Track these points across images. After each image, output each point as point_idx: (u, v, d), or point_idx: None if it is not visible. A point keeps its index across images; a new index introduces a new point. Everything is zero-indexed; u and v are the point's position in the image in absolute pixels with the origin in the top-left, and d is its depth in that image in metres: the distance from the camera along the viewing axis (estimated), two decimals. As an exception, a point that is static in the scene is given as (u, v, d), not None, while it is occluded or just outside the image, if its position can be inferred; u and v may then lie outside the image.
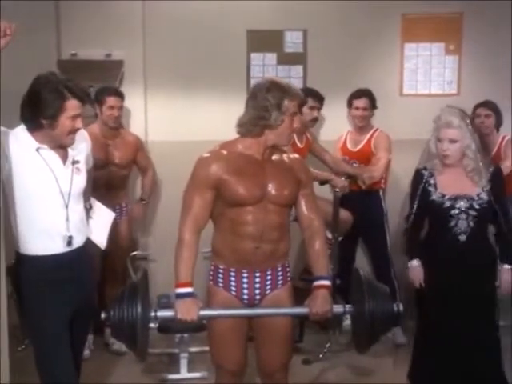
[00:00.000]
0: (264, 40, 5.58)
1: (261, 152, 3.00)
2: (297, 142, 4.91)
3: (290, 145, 3.99)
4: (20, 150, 2.94)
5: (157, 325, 4.10)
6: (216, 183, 2.94)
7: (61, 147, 3.03)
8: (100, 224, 3.36)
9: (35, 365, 3.06)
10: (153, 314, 2.94)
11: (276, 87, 2.94)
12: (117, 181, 4.98)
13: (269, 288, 3.07)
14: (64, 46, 5.39)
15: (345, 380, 4.45)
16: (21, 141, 2.95)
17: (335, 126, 5.51)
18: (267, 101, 2.91)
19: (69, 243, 3.03)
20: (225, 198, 2.96)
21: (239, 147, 3.01)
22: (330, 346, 4.80)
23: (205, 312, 2.99)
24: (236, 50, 5.54)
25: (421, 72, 5.66)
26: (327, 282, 3.06)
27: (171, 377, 4.45)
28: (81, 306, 3.11)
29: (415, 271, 3.71)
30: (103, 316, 2.87)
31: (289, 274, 3.16)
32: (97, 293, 4.07)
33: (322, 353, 4.76)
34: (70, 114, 2.92)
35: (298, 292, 3.30)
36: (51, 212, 3.00)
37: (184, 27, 5.46)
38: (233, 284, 3.05)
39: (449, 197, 3.55)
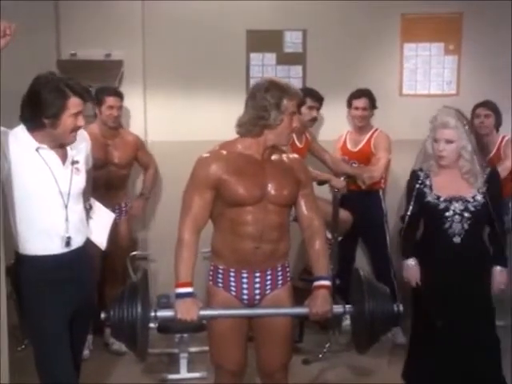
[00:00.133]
0: (263, 40, 5.58)
1: (260, 152, 3.00)
2: (296, 142, 4.91)
3: (290, 145, 3.99)
4: (19, 150, 2.94)
5: (156, 325, 4.11)
6: (216, 183, 2.94)
7: (61, 146, 3.03)
8: (100, 224, 3.35)
9: (35, 365, 3.06)
10: (153, 314, 2.94)
11: (275, 87, 2.94)
12: (116, 181, 4.98)
13: (269, 288, 3.07)
14: (63, 46, 5.39)
15: (344, 380, 4.45)
16: (20, 141, 2.95)
17: (335, 126, 5.51)
18: (266, 100, 2.91)
19: (67, 244, 3.03)
20: (224, 198, 2.96)
21: (239, 147, 3.01)
22: (330, 346, 4.80)
23: (205, 312, 2.99)
24: (235, 50, 5.54)
25: (420, 72, 5.66)
26: (327, 282, 3.06)
27: (171, 377, 4.45)
28: (81, 306, 3.10)
29: (411, 270, 3.71)
30: (103, 316, 2.87)
31: (289, 274, 3.16)
32: (96, 293, 4.07)
33: (322, 353, 4.76)
34: (72, 112, 2.92)
35: (298, 292, 3.30)
36: (50, 212, 3.00)
37: (183, 27, 5.46)
38: (232, 284, 3.04)
39: (444, 198, 3.54)
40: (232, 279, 3.04)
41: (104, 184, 4.71)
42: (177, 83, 5.53)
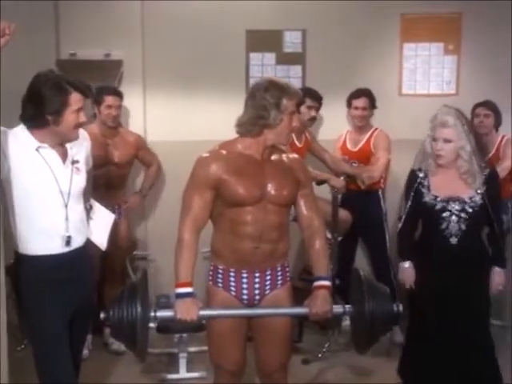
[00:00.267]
0: (263, 40, 5.58)
1: (260, 152, 3.00)
2: (295, 142, 4.91)
3: (289, 144, 3.99)
4: (19, 150, 2.94)
5: (156, 325, 4.10)
6: (215, 183, 2.94)
7: (62, 145, 3.03)
8: (100, 225, 3.35)
9: (34, 365, 3.06)
10: (152, 314, 2.94)
11: (274, 86, 2.94)
12: (116, 180, 4.98)
13: (268, 288, 3.07)
14: (63, 46, 5.39)
15: (344, 380, 4.45)
16: (20, 140, 2.95)
17: (334, 126, 5.51)
18: (266, 100, 2.91)
19: (67, 243, 3.02)
20: (224, 198, 2.96)
21: (239, 147, 3.00)
22: (329, 346, 4.80)
23: (204, 312, 2.99)
24: (235, 50, 5.54)
25: (420, 72, 5.66)
26: (327, 283, 3.05)
27: (170, 377, 4.44)
28: (80, 306, 3.10)
29: (406, 273, 3.71)
30: (102, 316, 2.86)
31: (288, 274, 3.16)
32: (96, 292, 4.07)
33: (321, 353, 4.76)
34: (74, 108, 2.93)
35: (298, 292, 3.30)
36: (50, 211, 2.99)
37: (183, 27, 5.46)
38: (232, 284, 3.04)
39: (441, 199, 3.53)
40: (232, 279, 3.04)
41: (104, 183, 4.71)
42: (176, 83, 5.53)
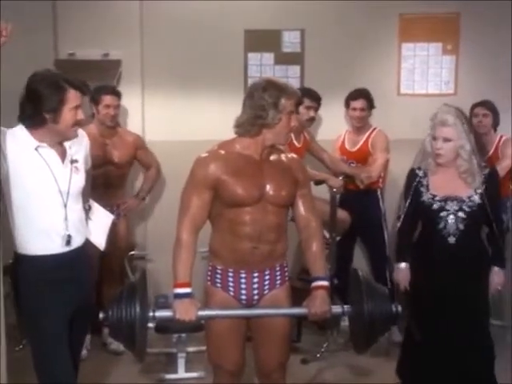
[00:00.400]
0: (261, 40, 5.58)
1: (259, 152, 3.00)
2: (294, 142, 4.91)
3: (288, 144, 3.99)
4: (18, 149, 2.94)
5: (154, 325, 4.10)
6: (214, 183, 2.94)
7: (61, 144, 3.03)
8: (99, 225, 3.35)
9: (33, 365, 3.06)
10: (151, 314, 2.93)
11: (273, 86, 2.94)
12: (115, 180, 4.97)
13: (267, 288, 3.07)
14: (61, 46, 5.39)
15: (342, 380, 4.45)
16: (19, 140, 2.95)
17: (333, 126, 5.51)
18: (264, 100, 2.91)
19: (68, 242, 3.02)
20: (223, 199, 2.96)
21: (237, 147, 3.00)
22: (328, 346, 4.80)
23: (203, 312, 2.99)
24: (233, 50, 5.54)
25: (418, 72, 5.66)
26: (325, 283, 3.05)
27: (169, 377, 4.44)
28: (80, 306, 3.10)
29: (402, 273, 3.71)
30: (101, 316, 2.86)
31: (287, 274, 3.15)
32: (95, 292, 4.07)
33: (320, 352, 4.77)
34: (72, 105, 2.94)
35: (296, 292, 3.30)
36: (50, 211, 2.99)
37: (181, 27, 5.46)
38: (231, 284, 3.04)
39: (439, 198, 3.53)
40: (230, 279, 3.04)
41: (102, 183, 4.72)
42: (175, 83, 5.53)
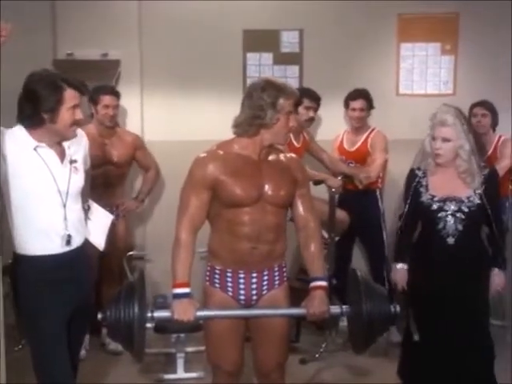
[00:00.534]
0: (260, 40, 5.58)
1: (257, 152, 3.00)
2: (293, 142, 4.91)
3: (287, 144, 3.99)
4: (17, 149, 2.94)
5: (153, 325, 4.10)
6: (212, 183, 2.93)
7: (60, 144, 3.02)
8: (98, 226, 3.35)
9: (32, 365, 3.05)
10: (149, 315, 2.93)
11: (271, 86, 2.93)
12: (114, 179, 4.97)
13: (265, 288, 3.07)
14: (60, 46, 5.39)
15: (341, 380, 4.45)
16: (18, 140, 2.95)
17: (332, 126, 5.52)
18: (262, 100, 2.90)
19: (68, 242, 3.02)
20: (221, 199, 2.96)
21: (235, 147, 3.00)
22: (327, 346, 4.80)
23: (201, 313, 2.99)
24: (232, 50, 5.54)
25: (417, 72, 5.66)
26: (324, 283, 3.05)
27: (168, 377, 4.44)
28: (79, 306, 3.09)
29: (399, 274, 3.71)
30: (100, 316, 2.86)
31: (285, 274, 3.15)
32: (94, 292, 4.07)
33: (319, 352, 4.77)
34: (70, 105, 2.93)
35: (295, 292, 3.30)
36: (49, 211, 2.99)
37: (180, 27, 5.47)
38: (229, 285, 3.04)
39: (438, 199, 3.53)
40: (229, 279, 3.04)
41: (102, 183, 4.71)
42: (174, 83, 5.53)
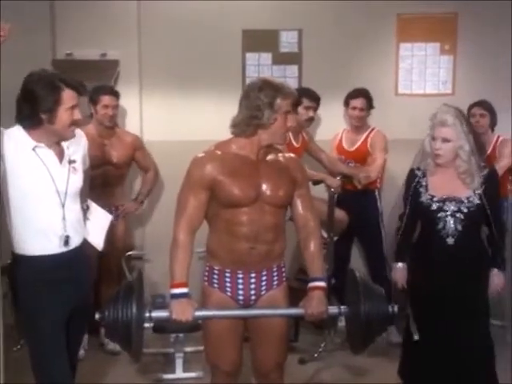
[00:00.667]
0: (259, 40, 5.58)
1: (255, 152, 2.99)
2: (293, 142, 4.91)
3: (286, 144, 3.99)
4: (16, 149, 2.94)
5: (152, 325, 4.10)
6: (210, 184, 2.93)
7: (58, 144, 3.02)
8: (97, 225, 3.35)
9: (31, 365, 3.05)
10: (147, 315, 2.93)
11: (268, 86, 2.93)
12: (113, 180, 4.97)
13: (264, 288, 3.07)
14: (59, 46, 5.39)
15: (340, 379, 4.45)
16: (16, 140, 2.95)
17: (331, 126, 5.51)
18: (260, 100, 2.90)
19: (66, 243, 3.02)
20: (219, 199, 2.96)
21: (233, 147, 3.00)
22: (326, 346, 4.81)
23: (200, 313, 2.99)
24: (231, 50, 5.54)
25: (416, 72, 5.66)
26: (322, 284, 3.05)
27: (166, 376, 4.44)
28: (78, 306, 3.09)
29: (399, 273, 3.72)
30: (98, 316, 2.86)
31: (284, 275, 3.15)
32: (93, 292, 4.07)
33: (317, 352, 4.77)
34: (68, 106, 2.93)
35: (294, 292, 3.30)
36: (47, 211, 2.99)
37: (179, 27, 5.47)
38: (228, 285, 3.04)
39: (437, 199, 3.52)
40: (227, 280, 3.04)
41: (101, 183, 4.71)
42: (173, 83, 5.53)
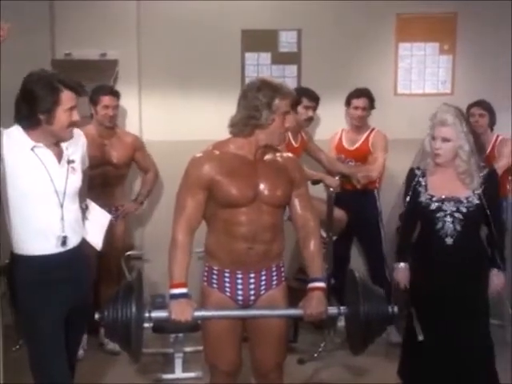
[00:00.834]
0: (258, 40, 5.58)
1: (253, 152, 2.99)
2: (292, 142, 4.91)
3: (285, 144, 3.99)
4: (14, 150, 2.94)
5: (151, 325, 4.10)
6: (208, 184, 2.93)
7: (57, 145, 3.02)
8: (96, 225, 3.35)
9: (30, 365, 3.05)
10: (147, 315, 2.93)
11: (267, 86, 2.93)
12: (113, 180, 4.96)
13: (263, 288, 3.07)
14: (58, 46, 5.38)
15: (339, 379, 4.45)
16: (15, 140, 2.95)
17: (330, 126, 5.51)
18: (258, 100, 2.90)
19: (63, 243, 3.02)
20: (217, 199, 2.96)
21: (231, 147, 3.00)
22: (325, 346, 4.80)
23: (199, 313, 2.99)
24: (231, 50, 5.54)
25: (415, 72, 5.66)
26: (322, 284, 3.05)
27: (166, 377, 4.44)
28: (77, 306, 3.09)
29: (401, 273, 3.71)
30: (97, 316, 2.86)
31: (283, 274, 3.15)
32: (92, 292, 4.07)
33: (317, 352, 4.76)
34: (66, 107, 2.93)
35: (293, 292, 3.30)
36: (46, 211, 2.99)
37: (178, 27, 5.46)
38: (227, 285, 3.04)
39: (436, 199, 3.52)
40: (227, 280, 3.04)
41: (100, 183, 4.71)
42: (172, 83, 5.52)
